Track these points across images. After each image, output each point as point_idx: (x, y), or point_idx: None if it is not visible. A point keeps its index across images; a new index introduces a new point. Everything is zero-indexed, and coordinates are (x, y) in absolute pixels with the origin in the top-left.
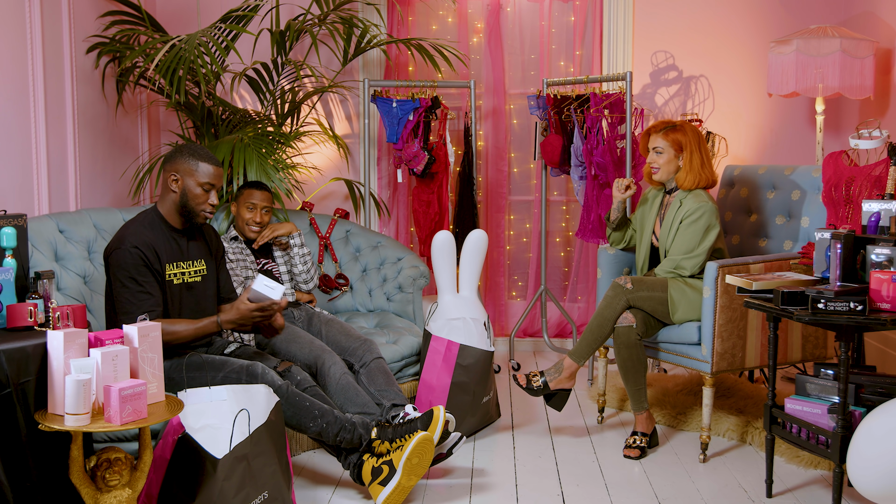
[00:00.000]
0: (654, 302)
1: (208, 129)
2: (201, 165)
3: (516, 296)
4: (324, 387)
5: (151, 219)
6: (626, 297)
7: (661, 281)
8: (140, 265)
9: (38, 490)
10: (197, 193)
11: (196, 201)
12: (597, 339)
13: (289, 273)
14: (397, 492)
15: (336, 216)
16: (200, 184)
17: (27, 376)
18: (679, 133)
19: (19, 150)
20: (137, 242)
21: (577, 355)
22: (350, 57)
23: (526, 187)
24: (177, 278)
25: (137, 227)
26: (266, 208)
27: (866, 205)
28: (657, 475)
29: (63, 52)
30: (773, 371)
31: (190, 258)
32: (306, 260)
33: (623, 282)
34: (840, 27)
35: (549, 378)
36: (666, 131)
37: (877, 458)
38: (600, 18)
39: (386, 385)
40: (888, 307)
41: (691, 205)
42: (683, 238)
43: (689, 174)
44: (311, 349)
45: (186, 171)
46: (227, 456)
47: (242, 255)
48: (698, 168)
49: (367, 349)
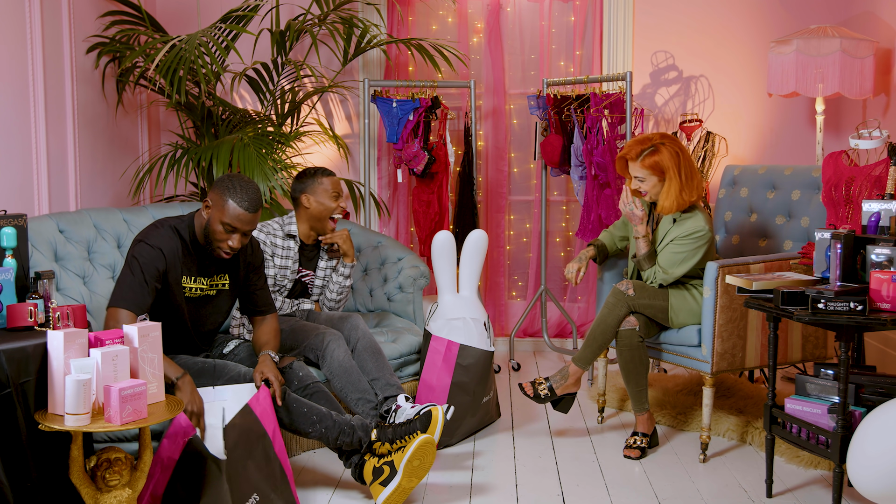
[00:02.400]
0: (654, 309)
1: (208, 129)
2: (230, 205)
3: (516, 296)
4: (326, 368)
5: (184, 226)
6: (627, 304)
7: (663, 290)
8: (152, 267)
9: (38, 490)
10: (218, 230)
11: (216, 237)
12: (600, 345)
13: (322, 288)
14: (398, 492)
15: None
16: (223, 223)
17: (27, 376)
18: (657, 157)
19: (19, 150)
20: (164, 247)
21: (582, 361)
22: (350, 57)
23: (526, 187)
24: (191, 291)
25: (169, 231)
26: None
27: (866, 205)
28: (657, 475)
29: (63, 52)
30: (773, 371)
31: (212, 274)
32: (343, 291)
33: (624, 287)
34: (840, 27)
35: (554, 384)
36: (643, 158)
37: (877, 458)
38: (600, 18)
39: (377, 371)
40: (888, 307)
41: (686, 228)
42: (670, 253)
43: (666, 200)
44: (317, 333)
45: (217, 205)
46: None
47: (288, 262)
48: (676, 194)
49: (351, 327)
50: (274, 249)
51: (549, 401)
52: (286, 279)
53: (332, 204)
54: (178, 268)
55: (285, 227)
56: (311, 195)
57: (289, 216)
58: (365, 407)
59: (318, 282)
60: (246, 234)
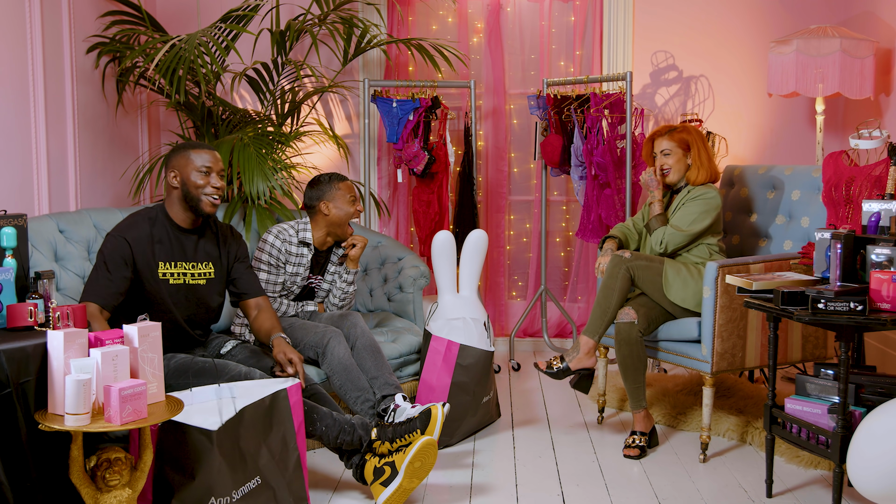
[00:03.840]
0: (651, 273)
1: (208, 129)
2: (193, 154)
3: (516, 296)
4: (326, 366)
5: (156, 215)
6: (625, 266)
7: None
8: (117, 256)
9: (38, 490)
10: (196, 179)
11: (197, 186)
12: (605, 310)
13: (326, 292)
14: (398, 493)
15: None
16: (197, 168)
17: (27, 376)
18: (683, 133)
19: (19, 150)
20: (129, 234)
21: (591, 331)
22: (350, 57)
23: (526, 187)
24: (174, 278)
25: (138, 219)
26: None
27: (866, 205)
28: (657, 475)
29: (63, 52)
30: (773, 371)
31: (195, 259)
32: (346, 298)
33: (621, 253)
34: (840, 27)
35: (568, 359)
36: (671, 133)
37: (877, 458)
38: (600, 18)
39: (376, 369)
40: (888, 307)
41: (699, 191)
42: (681, 214)
43: (700, 169)
44: (317, 331)
45: (182, 164)
46: (221, 429)
47: (300, 268)
48: (707, 163)
49: (350, 324)
50: (288, 257)
51: (564, 375)
52: (296, 285)
53: (351, 208)
54: (146, 253)
55: (300, 234)
56: (330, 202)
57: (303, 222)
58: (364, 405)
59: (325, 286)
60: (221, 176)
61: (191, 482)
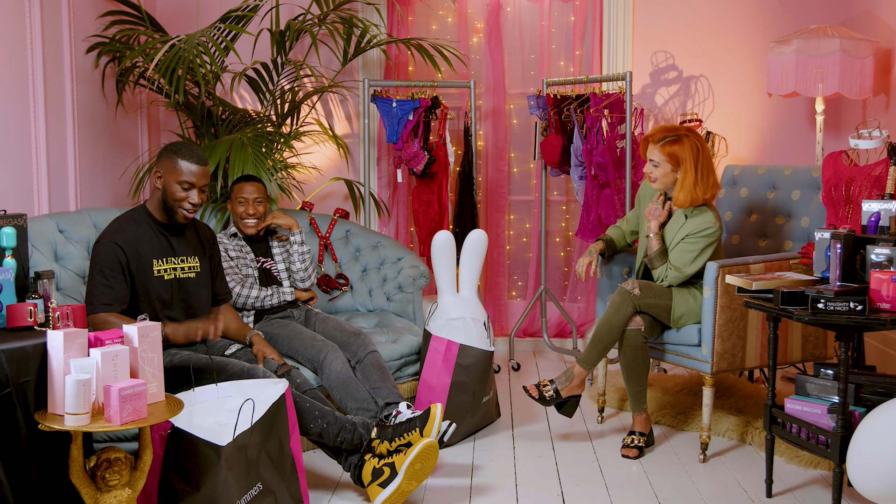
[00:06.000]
0: (659, 308)
1: (208, 129)
2: (181, 163)
3: (516, 296)
4: (325, 381)
5: (139, 215)
6: (633, 303)
7: (667, 289)
8: (112, 261)
9: (38, 490)
10: (175, 191)
11: (175, 199)
12: (606, 345)
13: (287, 271)
14: (396, 495)
15: (336, 216)
16: (179, 182)
17: (27, 376)
18: (677, 146)
19: (19, 150)
20: (118, 239)
21: (587, 362)
22: (350, 57)
23: (526, 187)
24: (167, 273)
25: (123, 223)
26: (258, 199)
27: (866, 205)
28: (657, 475)
29: (63, 52)
30: (773, 371)
31: (181, 254)
32: (305, 258)
33: (630, 287)
34: (840, 27)
35: (559, 386)
36: (664, 144)
37: (877, 458)
38: (600, 18)
39: (380, 381)
40: (888, 307)
41: (697, 224)
42: (681, 251)
43: (681, 192)
44: (314, 344)
45: (168, 169)
46: (230, 444)
47: (242, 253)
48: (690, 187)
49: (361, 344)
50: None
51: (554, 403)
52: (248, 267)
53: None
54: (142, 254)
55: (228, 230)
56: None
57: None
58: (364, 416)
59: (281, 265)
60: (203, 190)
61: (195, 493)
